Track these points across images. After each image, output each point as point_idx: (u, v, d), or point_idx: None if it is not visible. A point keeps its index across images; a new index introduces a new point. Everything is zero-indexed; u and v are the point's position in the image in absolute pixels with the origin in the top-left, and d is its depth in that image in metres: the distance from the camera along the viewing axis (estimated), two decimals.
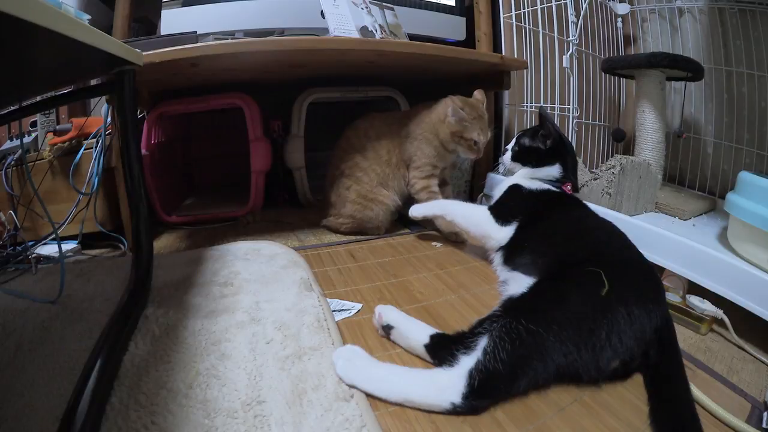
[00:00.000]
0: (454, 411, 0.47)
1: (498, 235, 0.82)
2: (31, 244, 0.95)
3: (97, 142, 0.99)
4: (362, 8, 1.09)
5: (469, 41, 1.49)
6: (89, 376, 0.44)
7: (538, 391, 0.52)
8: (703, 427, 0.45)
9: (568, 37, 1.34)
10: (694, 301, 0.72)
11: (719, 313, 0.69)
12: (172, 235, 1.11)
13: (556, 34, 1.36)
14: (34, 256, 0.89)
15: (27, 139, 1.05)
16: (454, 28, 1.49)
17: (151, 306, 0.65)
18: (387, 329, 0.61)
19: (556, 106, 1.40)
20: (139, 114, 1.10)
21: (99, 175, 0.97)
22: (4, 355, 0.55)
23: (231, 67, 1.02)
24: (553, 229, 0.75)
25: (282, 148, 1.28)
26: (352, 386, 0.50)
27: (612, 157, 1.09)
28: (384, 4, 1.17)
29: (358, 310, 0.70)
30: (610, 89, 1.62)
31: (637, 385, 0.54)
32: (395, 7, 1.20)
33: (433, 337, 0.56)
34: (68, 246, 0.96)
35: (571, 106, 1.35)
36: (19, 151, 0.98)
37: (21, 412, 0.45)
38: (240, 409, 0.45)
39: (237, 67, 1.03)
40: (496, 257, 0.81)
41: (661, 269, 0.82)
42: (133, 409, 0.45)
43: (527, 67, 1.40)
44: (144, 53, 0.73)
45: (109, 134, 0.99)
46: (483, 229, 0.85)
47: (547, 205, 0.82)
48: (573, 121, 1.36)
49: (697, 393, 0.52)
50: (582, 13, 1.33)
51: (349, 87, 1.34)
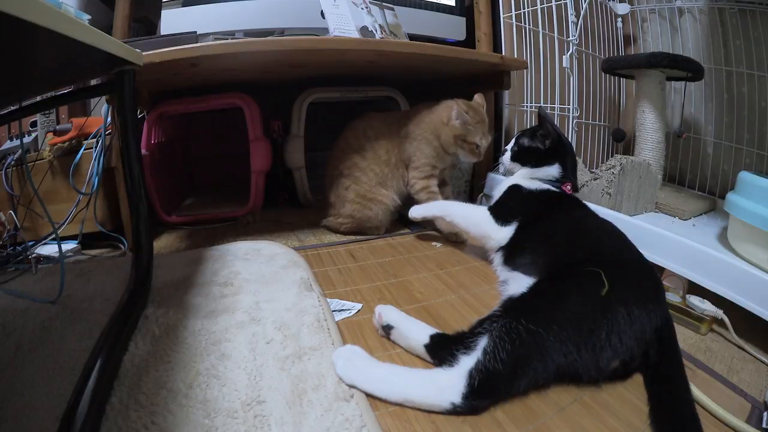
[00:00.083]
0: (454, 411, 0.47)
1: (498, 236, 0.82)
2: (31, 244, 0.95)
3: (97, 142, 0.99)
4: (362, 8, 1.09)
5: (469, 41, 1.49)
6: (89, 376, 0.44)
7: (538, 391, 0.52)
8: (703, 427, 0.45)
9: (568, 37, 1.34)
10: (694, 301, 0.72)
11: (719, 313, 0.69)
12: (172, 235, 1.11)
13: (556, 34, 1.36)
14: (34, 256, 0.89)
15: (27, 139, 1.05)
16: (454, 28, 1.49)
17: (151, 306, 0.65)
18: (387, 329, 0.61)
19: (556, 106, 1.40)
20: (139, 114, 1.10)
21: (99, 175, 0.97)
22: (4, 355, 0.55)
23: (231, 67, 1.02)
24: (553, 229, 0.75)
25: (282, 148, 1.28)
26: (352, 386, 0.50)
27: (612, 157, 1.09)
28: (384, 4, 1.17)
29: (358, 310, 0.70)
30: (610, 89, 1.62)
31: (637, 385, 0.54)
32: (395, 7, 1.20)
33: (433, 337, 0.56)
34: (68, 246, 0.96)
35: (571, 106, 1.35)
36: (19, 151, 0.98)
37: (21, 412, 0.45)
38: (240, 409, 0.45)
39: (237, 67, 1.04)
40: (496, 257, 0.81)
41: (661, 269, 0.82)
42: (133, 409, 0.45)
43: (527, 67, 1.40)
44: (144, 53, 0.73)
45: (109, 134, 0.99)
46: (483, 229, 0.85)
47: (546, 205, 0.82)
48: (573, 121, 1.36)
49: (697, 393, 0.52)
50: (582, 13, 1.33)
51: (349, 87, 1.34)
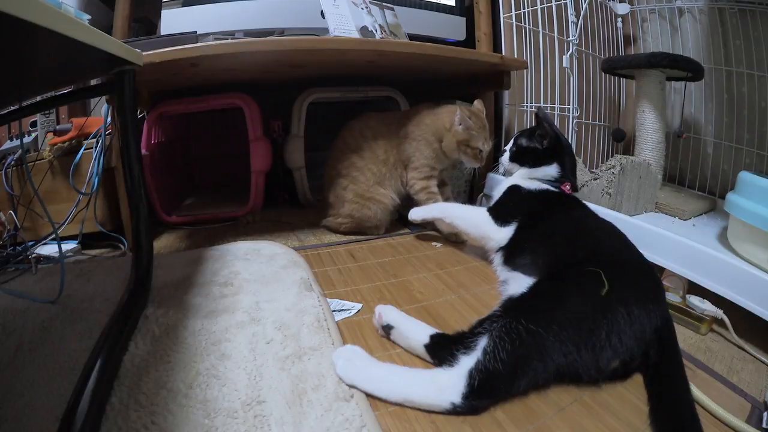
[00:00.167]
0: (454, 411, 0.47)
1: (497, 236, 0.82)
2: (31, 244, 0.95)
3: (97, 142, 0.99)
4: (362, 8, 1.09)
5: (469, 41, 1.49)
6: (89, 376, 0.44)
7: (538, 391, 0.52)
8: (703, 427, 0.45)
9: (568, 37, 1.34)
10: (694, 301, 0.72)
11: (719, 313, 0.69)
12: (172, 235, 1.11)
13: (556, 34, 1.36)
14: (34, 256, 0.89)
15: (27, 139, 1.05)
16: (454, 28, 1.49)
17: (151, 306, 0.65)
18: (387, 329, 0.61)
19: (556, 106, 1.40)
20: (139, 114, 1.10)
21: (99, 175, 0.97)
22: (4, 355, 0.55)
23: (231, 67, 1.02)
24: (553, 229, 0.75)
25: (282, 148, 1.28)
26: (352, 386, 0.50)
27: (612, 157, 1.09)
28: (384, 4, 1.17)
29: (358, 310, 0.70)
30: (610, 89, 1.62)
31: (637, 385, 0.54)
32: (395, 7, 1.20)
33: (433, 337, 0.56)
34: (68, 246, 0.96)
35: (571, 106, 1.35)
36: (19, 151, 0.98)
37: (21, 412, 0.45)
38: (240, 409, 0.45)
39: (237, 67, 1.03)
40: (496, 258, 0.81)
41: (661, 269, 0.82)
42: (133, 409, 0.45)
43: (527, 67, 1.40)
44: (144, 53, 0.73)
45: (109, 134, 0.99)
46: (482, 230, 0.85)
47: (546, 205, 0.82)
48: (573, 121, 1.36)
49: (697, 393, 0.52)
50: (582, 13, 1.33)
51: (349, 87, 1.33)
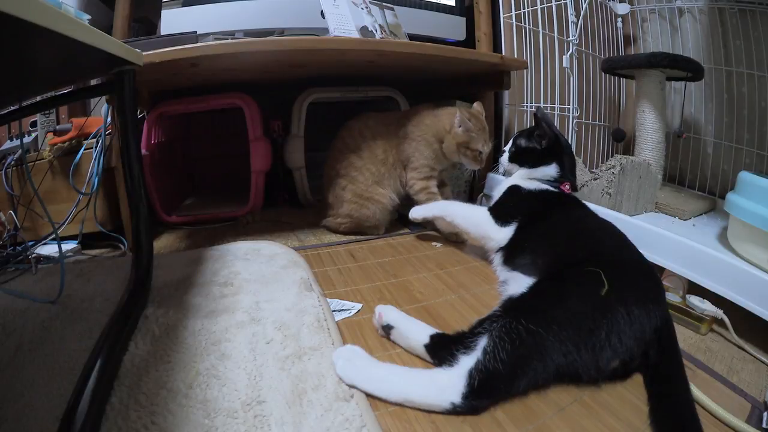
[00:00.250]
0: (454, 411, 0.47)
1: (497, 236, 0.82)
2: (31, 244, 0.95)
3: (97, 142, 0.99)
4: (362, 8, 1.09)
5: (469, 41, 1.49)
6: (89, 376, 0.44)
7: (538, 391, 0.52)
8: (703, 427, 0.45)
9: (568, 37, 1.34)
10: (694, 301, 0.72)
11: (719, 313, 0.69)
12: (172, 235, 1.11)
13: (556, 34, 1.36)
14: (34, 256, 0.89)
15: (27, 139, 1.05)
16: (454, 28, 1.49)
17: (151, 306, 0.65)
18: (387, 329, 0.61)
19: (556, 106, 1.40)
20: (139, 114, 1.10)
21: (99, 175, 0.97)
22: (4, 355, 0.55)
23: (231, 67, 1.02)
24: (553, 229, 0.75)
25: (282, 148, 1.28)
26: (352, 386, 0.50)
27: (612, 157, 1.10)
28: (384, 4, 1.17)
29: (358, 310, 0.70)
30: (610, 89, 1.62)
31: (637, 385, 0.54)
32: (395, 7, 1.20)
33: (433, 337, 0.56)
34: (68, 246, 0.96)
35: (571, 106, 1.35)
36: (19, 151, 0.98)
37: (21, 412, 0.45)
38: (240, 409, 0.45)
39: (237, 67, 1.03)
40: (496, 257, 0.81)
41: (661, 269, 0.82)
42: (133, 409, 0.45)
43: (527, 67, 1.40)
44: (144, 53, 0.73)
45: (109, 134, 0.99)
46: (483, 229, 0.85)
47: (545, 206, 0.82)
48: (573, 121, 1.36)
49: (697, 393, 0.52)
50: (582, 13, 1.33)
51: (349, 87, 1.33)
